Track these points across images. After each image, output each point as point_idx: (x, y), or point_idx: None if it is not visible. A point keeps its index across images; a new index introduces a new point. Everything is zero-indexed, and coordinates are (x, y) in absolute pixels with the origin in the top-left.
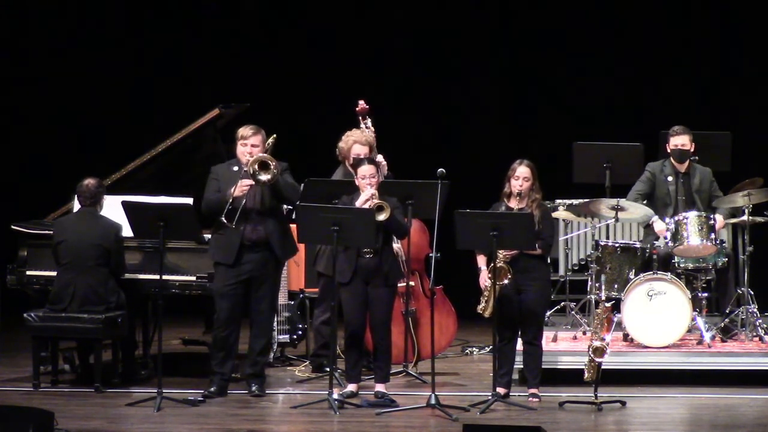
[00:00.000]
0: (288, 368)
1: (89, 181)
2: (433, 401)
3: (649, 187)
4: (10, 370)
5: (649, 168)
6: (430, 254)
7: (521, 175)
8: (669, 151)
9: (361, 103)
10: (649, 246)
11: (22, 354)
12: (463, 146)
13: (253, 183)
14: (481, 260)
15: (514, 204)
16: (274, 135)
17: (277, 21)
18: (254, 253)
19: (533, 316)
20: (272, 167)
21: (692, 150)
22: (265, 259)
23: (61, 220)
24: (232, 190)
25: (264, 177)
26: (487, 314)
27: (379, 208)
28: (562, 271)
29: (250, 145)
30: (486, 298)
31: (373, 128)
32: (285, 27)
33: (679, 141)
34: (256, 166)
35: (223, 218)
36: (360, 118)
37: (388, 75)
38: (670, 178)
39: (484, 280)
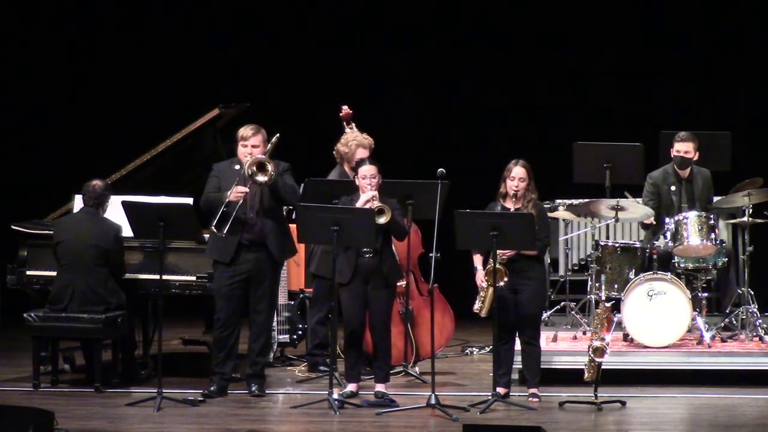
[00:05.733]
0: (288, 368)
1: (96, 182)
2: (433, 401)
3: (656, 199)
4: (10, 370)
5: (650, 179)
6: (425, 254)
7: (517, 175)
8: (672, 156)
9: (345, 108)
10: (649, 246)
11: (22, 354)
12: (463, 146)
13: (247, 191)
14: (477, 260)
15: (510, 204)
16: (278, 134)
17: (277, 21)
18: (252, 253)
19: (530, 316)
20: (270, 169)
21: (696, 158)
22: (263, 258)
23: (60, 221)
24: (228, 193)
25: (261, 178)
26: (483, 314)
27: (380, 211)
28: (562, 271)
29: (250, 146)
30: (482, 298)
31: (357, 132)
32: (285, 27)
33: (683, 147)
34: (254, 168)
35: (213, 227)
36: (344, 123)
37: (388, 75)
38: (673, 188)
39: (481, 279)
